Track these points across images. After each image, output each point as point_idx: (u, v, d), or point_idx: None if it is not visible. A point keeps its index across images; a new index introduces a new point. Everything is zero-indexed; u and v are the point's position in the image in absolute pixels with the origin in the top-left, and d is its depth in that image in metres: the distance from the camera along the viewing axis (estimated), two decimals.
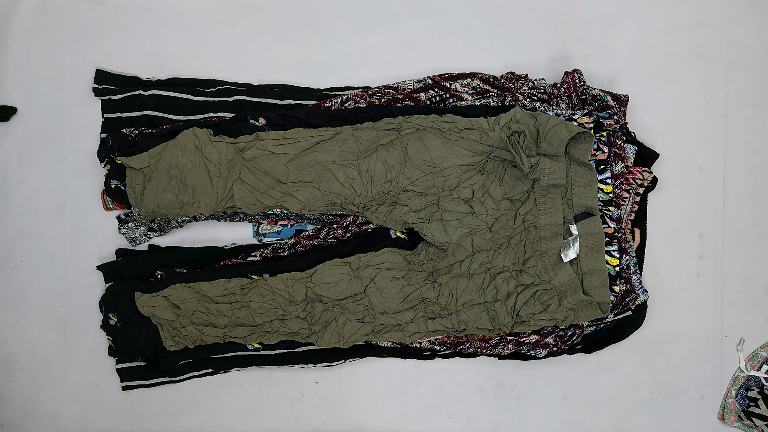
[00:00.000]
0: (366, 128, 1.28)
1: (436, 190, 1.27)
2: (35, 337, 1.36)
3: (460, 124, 1.26)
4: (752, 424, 1.41)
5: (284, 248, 1.34)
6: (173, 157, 1.26)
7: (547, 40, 1.39)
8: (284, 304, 1.28)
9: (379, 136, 1.27)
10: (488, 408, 1.41)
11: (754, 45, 1.41)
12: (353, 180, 1.27)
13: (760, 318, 1.43)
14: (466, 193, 1.27)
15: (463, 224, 1.27)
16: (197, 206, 1.27)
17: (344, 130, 1.27)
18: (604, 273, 1.25)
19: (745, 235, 1.42)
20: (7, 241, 1.35)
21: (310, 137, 1.27)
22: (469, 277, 1.27)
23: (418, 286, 1.28)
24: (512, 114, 1.24)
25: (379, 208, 1.28)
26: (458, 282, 1.27)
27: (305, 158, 1.27)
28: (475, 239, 1.27)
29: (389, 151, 1.27)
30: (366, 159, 1.27)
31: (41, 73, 1.34)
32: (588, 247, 1.25)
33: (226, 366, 1.35)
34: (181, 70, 1.36)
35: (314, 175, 1.27)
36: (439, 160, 1.26)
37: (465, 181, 1.27)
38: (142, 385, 1.35)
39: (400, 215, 1.27)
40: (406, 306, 1.28)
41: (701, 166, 1.41)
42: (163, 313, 1.28)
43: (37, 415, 1.37)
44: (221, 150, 1.27)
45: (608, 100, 1.30)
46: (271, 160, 1.27)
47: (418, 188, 1.27)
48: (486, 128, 1.25)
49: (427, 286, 1.28)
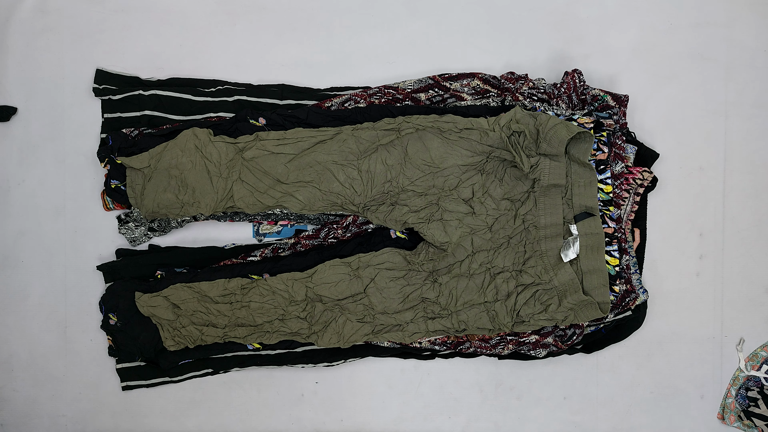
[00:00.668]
0: (366, 128, 1.28)
1: (436, 190, 1.27)
2: (35, 337, 1.36)
3: (460, 124, 1.25)
4: (752, 424, 1.41)
5: (284, 248, 1.34)
6: (173, 157, 1.26)
7: (547, 40, 1.39)
8: (284, 304, 1.28)
9: (379, 136, 1.27)
10: (488, 408, 1.41)
11: (754, 45, 1.41)
12: (353, 180, 1.27)
13: (760, 318, 1.43)
14: (466, 193, 1.27)
15: (463, 224, 1.27)
16: (197, 206, 1.27)
17: (344, 130, 1.27)
18: (604, 273, 1.25)
19: (745, 235, 1.42)
20: (7, 241, 1.35)
21: (310, 137, 1.27)
22: (469, 277, 1.27)
23: (418, 286, 1.28)
24: (512, 114, 1.24)
25: (379, 208, 1.28)
26: (458, 282, 1.27)
27: (305, 158, 1.27)
28: (475, 239, 1.27)
29: (389, 151, 1.27)
30: (366, 159, 1.27)
31: (41, 73, 1.34)
32: (588, 247, 1.25)
33: (226, 366, 1.35)
34: (181, 70, 1.36)
35: (314, 175, 1.27)
36: (439, 160, 1.26)
37: (465, 181, 1.27)
38: (142, 385, 1.35)
39: (400, 215, 1.27)
40: (406, 306, 1.28)
41: (701, 166, 1.41)
42: (163, 313, 1.28)
43: (37, 415, 1.37)
44: (221, 150, 1.27)
45: (608, 100, 1.30)
46: (271, 160, 1.27)
47: (418, 188, 1.27)
48: (486, 128, 1.25)
49: (427, 286, 1.28)
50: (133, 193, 1.27)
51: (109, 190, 1.30)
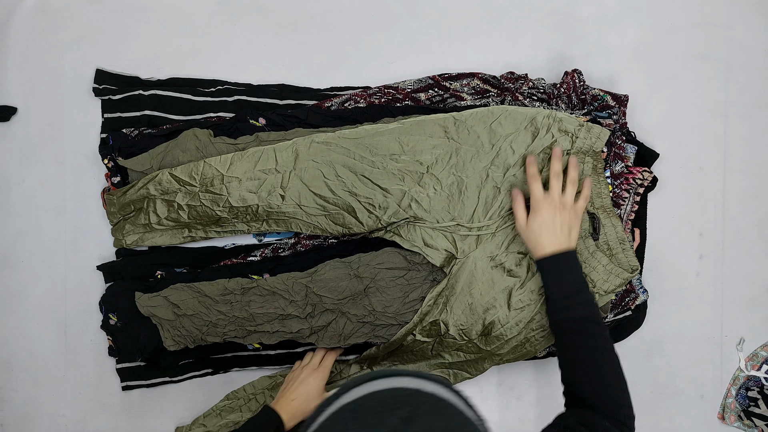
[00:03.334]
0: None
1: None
2: (35, 337, 1.36)
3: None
4: (752, 424, 1.41)
5: (284, 248, 1.34)
6: (174, 159, 1.26)
7: (547, 40, 1.39)
8: (284, 304, 1.28)
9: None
10: (488, 408, 1.40)
11: (754, 45, 1.41)
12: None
13: (760, 318, 1.43)
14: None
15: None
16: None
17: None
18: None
19: (745, 235, 1.42)
20: (7, 241, 1.35)
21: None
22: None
23: (418, 286, 1.28)
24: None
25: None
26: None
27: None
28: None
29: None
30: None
31: (41, 73, 1.34)
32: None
33: (226, 366, 1.35)
34: (181, 70, 1.35)
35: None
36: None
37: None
38: (142, 385, 1.35)
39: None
40: (406, 306, 1.28)
41: (701, 166, 1.41)
42: (163, 313, 1.27)
43: (37, 415, 1.37)
44: (222, 151, 1.27)
45: (608, 100, 1.30)
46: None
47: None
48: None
49: (427, 286, 1.28)
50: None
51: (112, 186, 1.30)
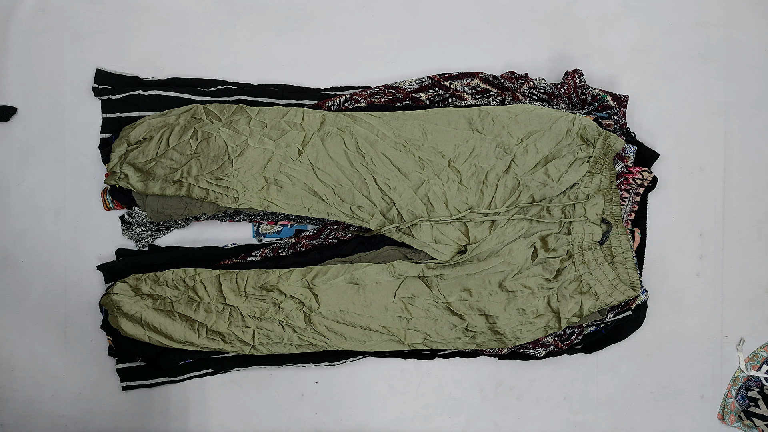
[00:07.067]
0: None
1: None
2: (35, 337, 1.36)
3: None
4: (752, 424, 1.41)
5: (284, 248, 1.34)
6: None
7: (547, 40, 1.39)
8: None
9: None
10: (488, 408, 1.40)
11: (754, 45, 1.41)
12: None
13: (760, 318, 1.43)
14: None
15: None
16: (200, 206, 1.28)
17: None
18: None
19: (745, 235, 1.42)
20: (7, 241, 1.35)
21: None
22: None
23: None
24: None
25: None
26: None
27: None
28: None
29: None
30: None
31: (41, 73, 1.34)
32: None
33: (226, 366, 1.35)
34: (181, 70, 1.35)
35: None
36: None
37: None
38: (142, 385, 1.35)
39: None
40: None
41: (701, 166, 1.41)
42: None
43: (37, 415, 1.37)
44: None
45: (608, 100, 1.30)
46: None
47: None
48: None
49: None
50: (138, 194, 1.27)
51: (112, 190, 1.30)
